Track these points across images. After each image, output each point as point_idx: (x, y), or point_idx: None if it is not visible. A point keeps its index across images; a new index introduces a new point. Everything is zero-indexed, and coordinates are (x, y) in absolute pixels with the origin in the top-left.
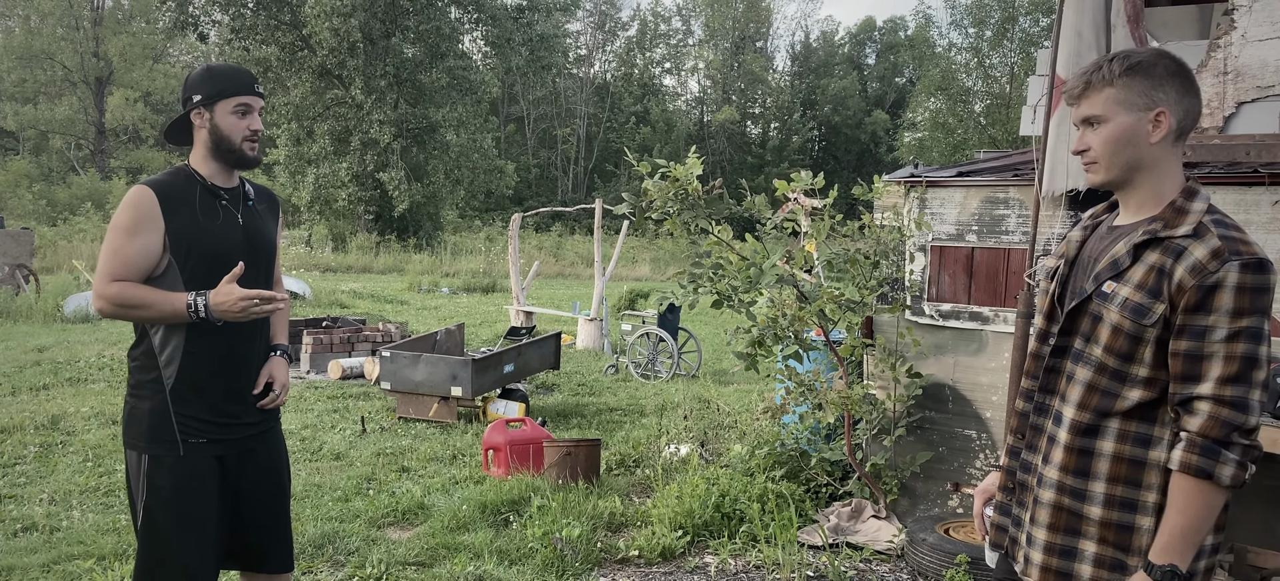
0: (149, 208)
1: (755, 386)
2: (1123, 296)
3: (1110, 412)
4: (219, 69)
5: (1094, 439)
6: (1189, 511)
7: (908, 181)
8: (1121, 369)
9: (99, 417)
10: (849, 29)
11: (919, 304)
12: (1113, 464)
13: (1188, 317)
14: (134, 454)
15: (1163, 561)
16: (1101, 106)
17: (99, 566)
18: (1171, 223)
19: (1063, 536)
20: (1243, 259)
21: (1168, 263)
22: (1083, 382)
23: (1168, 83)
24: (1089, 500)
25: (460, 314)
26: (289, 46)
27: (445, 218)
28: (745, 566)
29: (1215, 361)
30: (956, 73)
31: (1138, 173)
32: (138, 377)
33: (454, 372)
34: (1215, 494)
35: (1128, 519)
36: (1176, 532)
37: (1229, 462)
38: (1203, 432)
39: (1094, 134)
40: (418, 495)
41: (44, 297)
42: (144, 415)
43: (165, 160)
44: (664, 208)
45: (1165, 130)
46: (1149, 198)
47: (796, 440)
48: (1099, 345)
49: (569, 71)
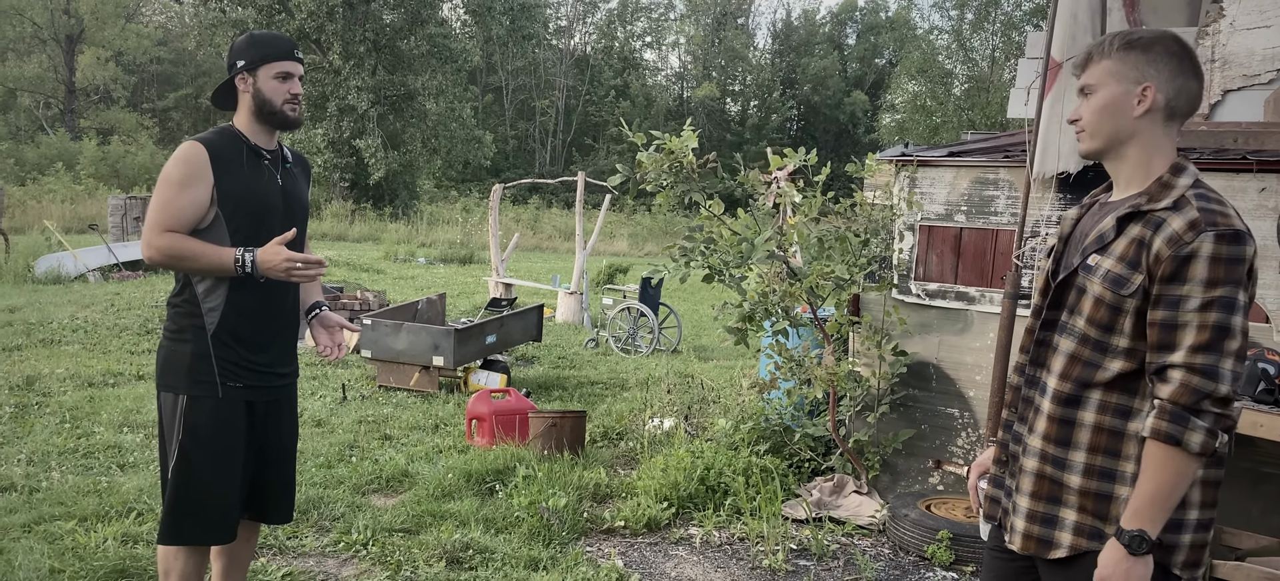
0: (200, 163)
1: (737, 362)
2: (1105, 268)
3: (1091, 383)
4: (261, 36)
5: (1075, 409)
6: (1158, 477)
7: (899, 160)
8: (1102, 340)
9: (75, 379)
10: (831, 9)
11: (906, 283)
12: (1093, 434)
13: (1164, 287)
14: (170, 396)
15: (1133, 526)
16: (1097, 77)
17: (81, 527)
18: (1156, 197)
19: (1044, 504)
20: (1218, 229)
21: (1148, 235)
22: (1065, 353)
23: (1162, 61)
24: (1069, 468)
25: (438, 284)
26: (267, 9)
27: (422, 187)
28: (729, 538)
29: (1188, 330)
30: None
31: (1122, 144)
32: (179, 323)
33: (436, 342)
34: (1185, 460)
35: (1106, 487)
36: (1146, 498)
37: (1198, 429)
38: (1173, 399)
39: (1086, 103)
40: (401, 463)
41: (14, 257)
42: (185, 357)
43: (137, 121)
44: (658, 180)
45: (1149, 104)
46: (1137, 173)
47: (780, 415)
48: (1082, 316)
49: (549, 42)
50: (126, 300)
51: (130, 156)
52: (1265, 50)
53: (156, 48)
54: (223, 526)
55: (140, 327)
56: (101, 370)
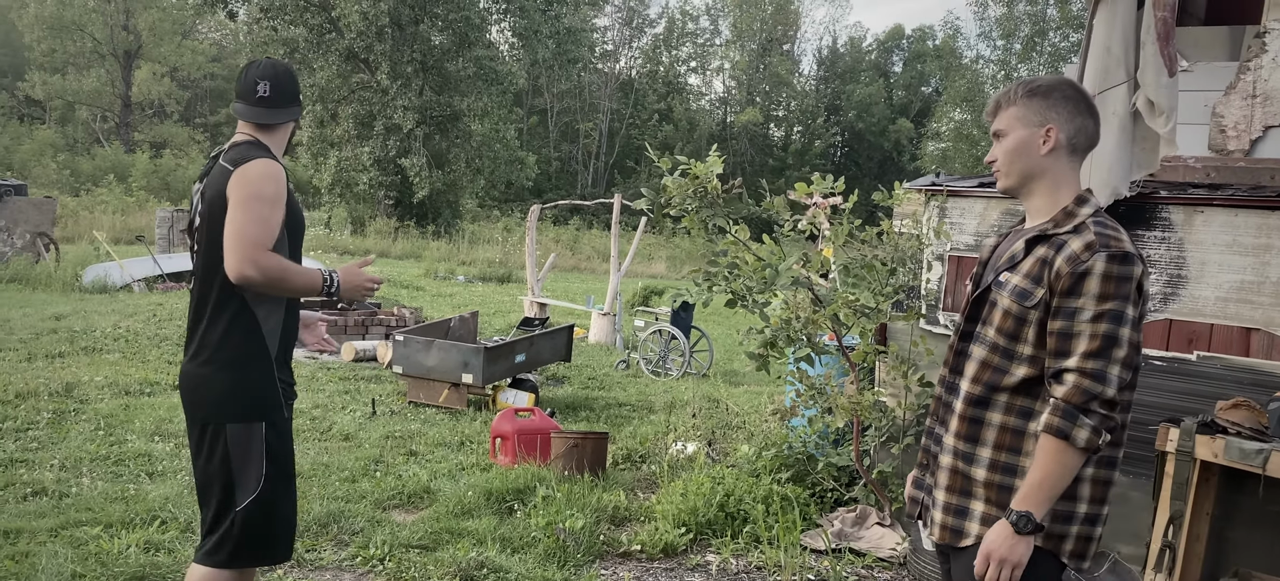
0: (283, 182)
1: (765, 388)
2: (1013, 283)
3: (999, 387)
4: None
5: (984, 409)
6: (1047, 467)
7: (929, 190)
8: (1009, 347)
9: (112, 387)
10: (877, 36)
11: (934, 313)
12: (999, 432)
13: (1062, 300)
14: (244, 426)
15: (1020, 508)
16: (1005, 122)
17: (106, 533)
18: (1061, 223)
19: (957, 497)
20: (1110, 251)
21: (1051, 254)
22: (977, 359)
23: (1061, 105)
24: (977, 463)
25: (475, 302)
26: (317, 28)
27: (464, 206)
28: (747, 566)
29: (1081, 338)
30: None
31: (1032, 180)
32: (238, 349)
33: (466, 359)
34: (1071, 454)
35: (1008, 481)
36: (1034, 485)
37: (1085, 426)
38: (1066, 399)
39: (999, 146)
40: (424, 479)
41: (63, 266)
42: (253, 385)
43: (188, 136)
44: (682, 205)
45: (1053, 143)
46: (1046, 204)
47: (804, 443)
48: (992, 326)
49: (594, 66)
50: (168, 310)
51: (181, 170)
52: None
53: (210, 64)
54: (291, 542)
55: (179, 338)
56: (139, 379)
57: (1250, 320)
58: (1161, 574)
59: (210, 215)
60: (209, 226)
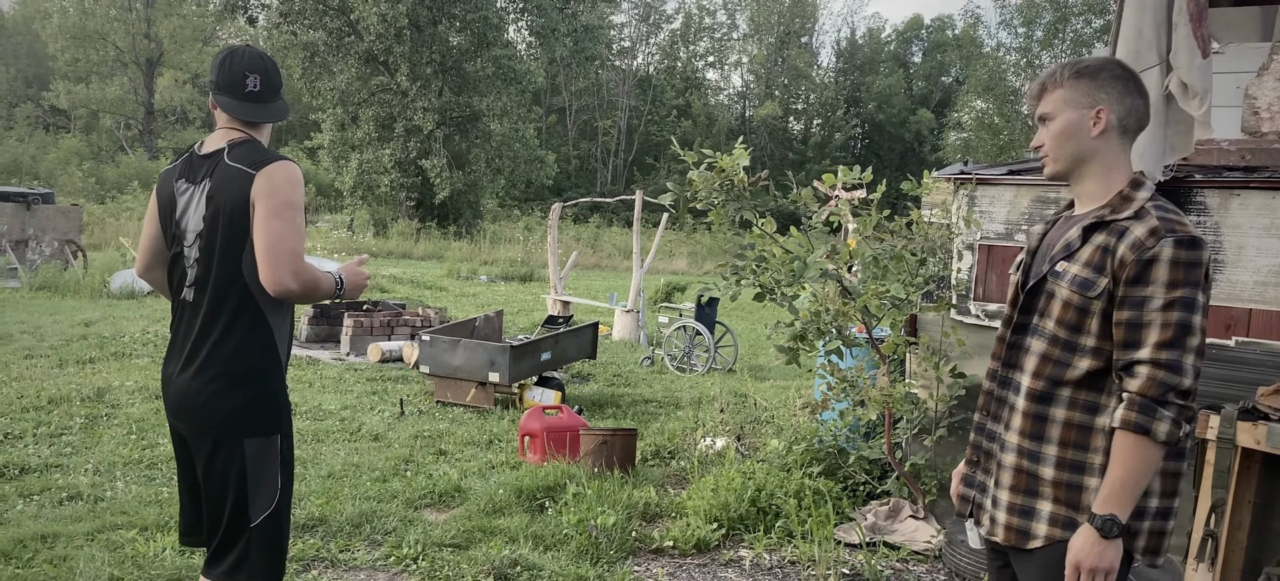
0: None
1: (792, 382)
2: (1072, 273)
3: (1062, 381)
4: None
5: (1048, 406)
6: (1128, 464)
7: (957, 178)
8: (1071, 340)
9: (143, 392)
10: (896, 27)
11: (965, 303)
12: (1063, 429)
13: (1128, 289)
14: (260, 440)
15: (1104, 511)
16: (1052, 105)
17: (142, 536)
18: (1118, 208)
19: (1023, 496)
20: (1177, 236)
21: (1112, 241)
22: (1037, 353)
23: (1110, 85)
24: (1043, 462)
25: (498, 302)
26: (336, 32)
27: (485, 206)
28: (780, 561)
29: (1152, 328)
30: (1004, 73)
31: (1083, 164)
32: (253, 361)
33: (492, 358)
34: (1152, 449)
35: (1077, 479)
36: (1117, 485)
37: (1165, 419)
38: (1141, 392)
39: (1046, 130)
40: (454, 478)
41: (91, 273)
42: (270, 397)
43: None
44: (709, 198)
45: (1104, 125)
46: (1098, 188)
47: (835, 437)
48: (1051, 319)
49: (612, 63)
50: None
51: None
52: None
53: None
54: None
55: None
56: None
57: None
58: (1204, 563)
59: (230, 221)
60: (226, 233)
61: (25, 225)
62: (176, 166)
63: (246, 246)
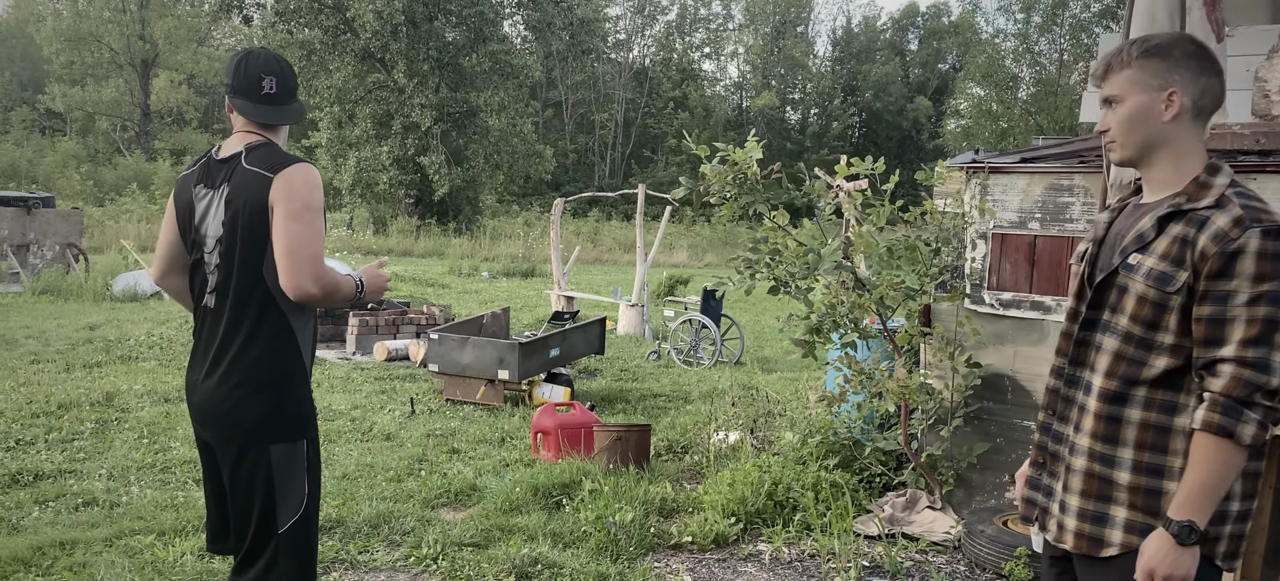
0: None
1: (800, 374)
2: (1147, 266)
3: (1137, 380)
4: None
5: (1122, 406)
6: (1208, 468)
7: (970, 167)
8: (1147, 337)
9: (152, 395)
10: (892, 14)
11: (979, 292)
12: (1140, 430)
13: (1211, 284)
14: (287, 446)
15: (1182, 517)
16: (1119, 87)
17: (160, 541)
18: (1195, 196)
19: (1095, 502)
20: (1264, 226)
21: (1191, 233)
22: (1110, 352)
23: (1183, 64)
24: (1118, 466)
25: (500, 298)
26: (332, 30)
27: (484, 202)
28: (800, 555)
29: (1237, 324)
30: (1003, 59)
31: (1154, 150)
32: (278, 369)
33: (501, 356)
34: (1235, 452)
35: (1155, 484)
36: (1196, 489)
37: (1250, 422)
38: (1225, 392)
39: (1113, 114)
40: (469, 476)
41: (93, 276)
42: (295, 402)
43: (208, 142)
44: (722, 192)
45: (1177, 109)
46: (1171, 174)
47: (850, 429)
48: (1125, 315)
49: (608, 56)
50: None
51: None
52: None
53: None
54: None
55: None
56: (177, 386)
57: None
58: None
59: (249, 225)
60: (246, 237)
61: (26, 229)
62: (194, 171)
63: (267, 251)
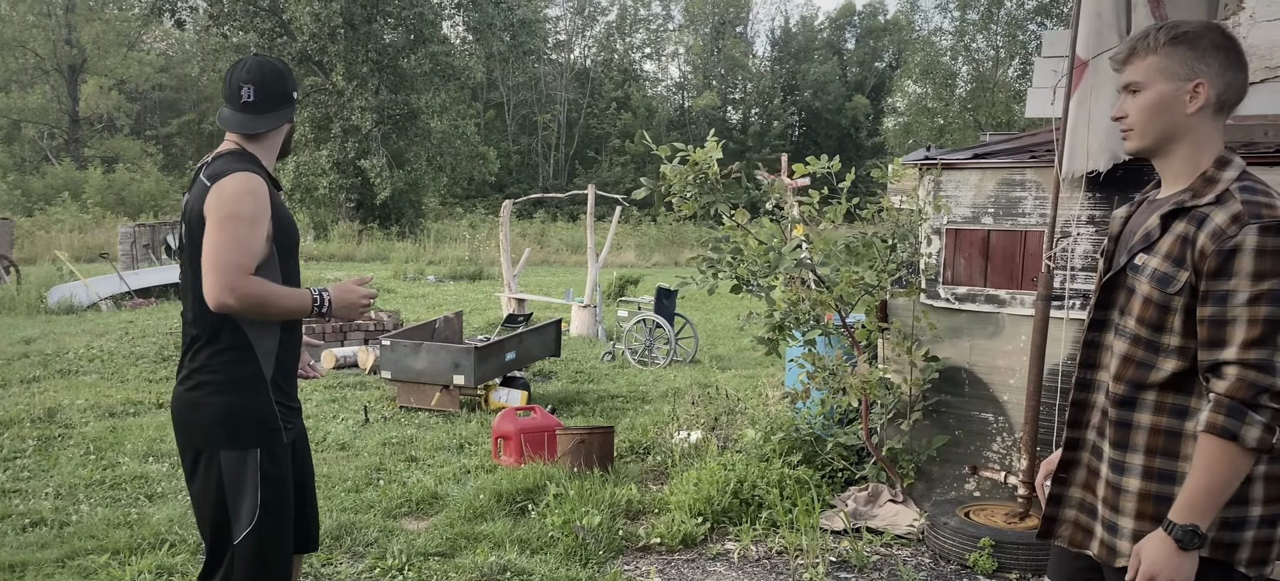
0: (264, 196)
1: (758, 371)
2: (1151, 267)
3: (1145, 384)
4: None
5: (1131, 411)
6: (1212, 471)
7: (923, 164)
8: (1154, 339)
9: (95, 410)
10: (828, 14)
11: (934, 287)
12: (1150, 436)
13: (1210, 283)
14: (237, 453)
15: (1185, 520)
16: (1142, 73)
17: (115, 560)
18: (1200, 192)
19: (1109, 511)
20: (1263, 222)
21: (1192, 230)
22: (1119, 355)
23: (1211, 55)
24: (1128, 472)
25: (448, 302)
26: (268, 33)
27: (427, 205)
28: (768, 552)
29: (1238, 325)
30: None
31: (1172, 142)
32: (230, 373)
33: (456, 361)
34: (1240, 456)
35: (1166, 490)
36: (1199, 492)
37: (1256, 424)
38: (1229, 394)
39: (1132, 101)
40: (430, 485)
41: (26, 288)
42: (246, 410)
43: (141, 149)
44: (682, 192)
45: (1202, 101)
46: (1185, 168)
47: (811, 425)
48: (1132, 316)
49: (549, 57)
50: (140, 328)
51: (136, 184)
52: None
53: (158, 74)
54: (289, 570)
55: (156, 355)
56: (121, 400)
57: None
58: None
59: (191, 235)
60: (190, 247)
61: None
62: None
63: None
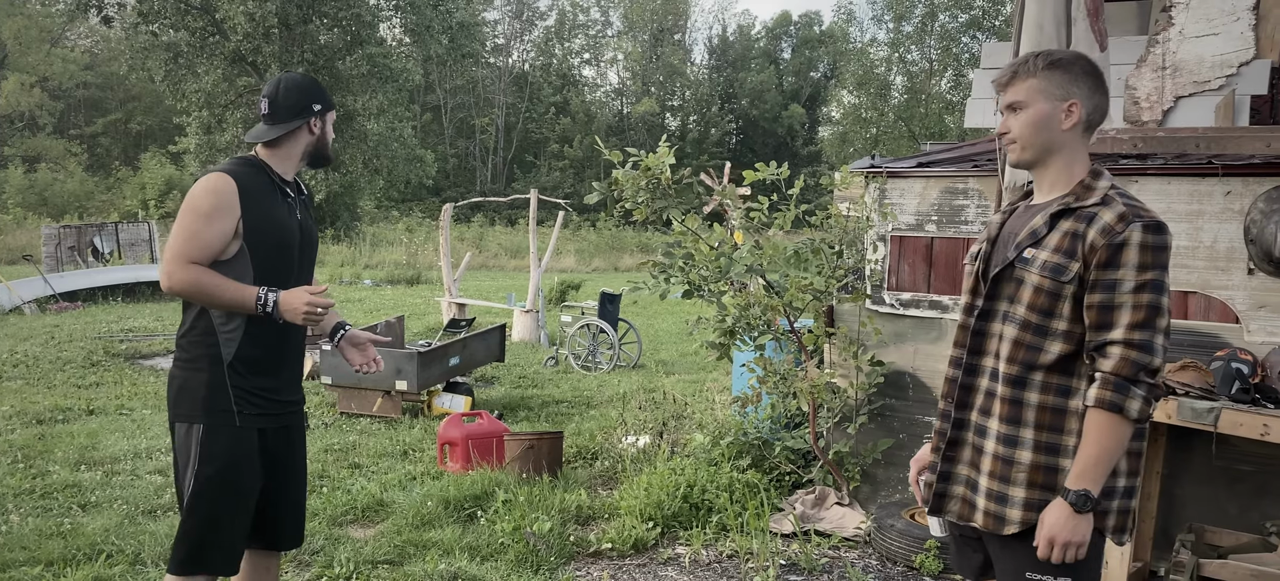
0: (229, 195)
1: (702, 375)
2: (1042, 259)
3: (1035, 366)
4: (320, 84)
5: (1022, 390)
6: (1102, 442)
7: (868, 172)
8: (1043, 324)
9: (21, 416)
10: (765, 23)
11: (880, 293)
12: (1038, 412)
13: (1100, 273)
14: (185, 426)
15: (1078, 486)
16: (1025, 94)
17: (49, 572)
18: (1082, 196)
19: (999, 483)
20: (1144, 221)
21: (1081, 228)
22: (1010, 339)
23: (1082, 79)
24: (1021, 446)
25: (386, 307)
26: (200, 32)
27: (363, 208)
28: (718, 556)
29: (1125, 310)
30: (876, 67)
31: (1050, 155)
32: (193, 351)
33: (399, 366)
34: (1124, 426)
35: (1053, 461)
36: (1090, 461)
37: (1137, 397)
38: (1115, 372)
39: (1016, 118)
40: (375, 491)
41: None
42: (200, 386)
43: (64, 148)
44: (634, 197)
45: (1076, 119)
46: (1061, 178)
47: (759, 429)
48: (1022, 304)
49: (487, 61)
50: (67, 332)
51: (59, 184)
52: (1214, 57)
53: (83, 72)
54: (234, 558)
55: (84, 360)
56: (49, 406)
57: (1187, 284)
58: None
59: None
60: None
61: None
62: None
63: None
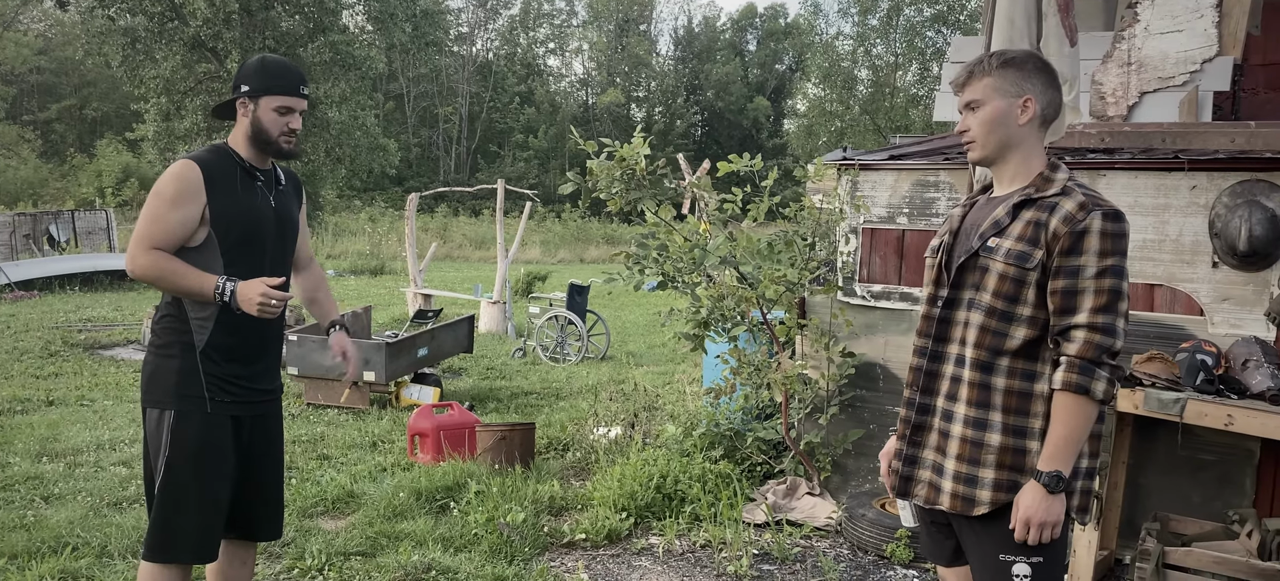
0: (194, 182)
1: (672, 367)
2: (1006, 247)
3: (1001, 351)
4: (272, 64)
5: (990, 374)
6: (1071, 423)
7: (840, 164)
8: (1008, 311)
9: None
10: (731, 15)
11: (851, 285)
12: (1005, 396)
13: (1063, 260)
14: (156, 411)
15: (1050, 468)
16: (981, 92)
17: (13, 565)
18: (1042, 188)
19: (968, 465)
20: (1104, 209)
21: (1044, 217)
22: (976, 325)
23: (1035, 76)
24: (990, 429)
25: (351, 296)
26: (158, 17)
27: (325, 197)
28: (691, 546)
29: (1087, 295)
30: (841, 61)
31: (1008, 149)
32: (165, 337)
33: (366, 357)
34: (1091, 407)
35: (1021, 443)
36: (1060, 442)
37: (1101, 379)
38: (1079, 355)
39: (973, 116)
40: (345, 483)
41: None
42: (171, 372)
43: (17, 134)
44: (609, 188)
45: (1031, 114)
46: (1020, 171)
47: (730, 420)
48: (988, 291)
49: (451, 49)
50: (23, 321)
51: (12, 171)
52: (1178, 54)
53: (37, 56)
54: (209, 545)
55: (42, 350)
56: (7, 397)
57: (1153, 277)
58: (1090, 521)
59: None
60: None
61: None
62: None
63: None
